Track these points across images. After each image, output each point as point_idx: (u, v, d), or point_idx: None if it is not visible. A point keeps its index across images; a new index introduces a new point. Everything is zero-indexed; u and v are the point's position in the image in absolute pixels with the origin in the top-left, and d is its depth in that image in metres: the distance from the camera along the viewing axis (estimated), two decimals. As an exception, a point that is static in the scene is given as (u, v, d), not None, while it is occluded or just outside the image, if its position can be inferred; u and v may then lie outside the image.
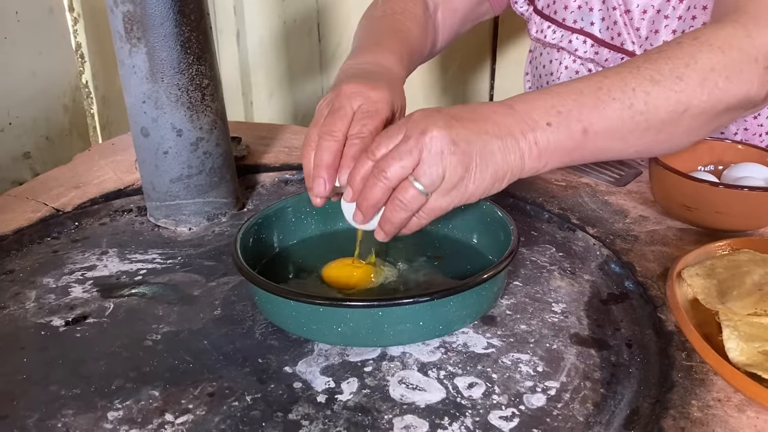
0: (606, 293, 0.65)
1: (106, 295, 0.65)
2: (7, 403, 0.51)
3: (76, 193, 0.83)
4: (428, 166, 0.54)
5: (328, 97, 0.65)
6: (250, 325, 0.60)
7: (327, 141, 0.60)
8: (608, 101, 0.59)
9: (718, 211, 0.69)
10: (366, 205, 0.57)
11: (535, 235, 0.75)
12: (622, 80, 0.60)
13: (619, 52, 0.87)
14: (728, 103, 0.62)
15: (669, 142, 0.64)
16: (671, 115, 0.60)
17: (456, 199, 0.56)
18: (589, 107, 0.59)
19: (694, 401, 0.49)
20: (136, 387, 0.52)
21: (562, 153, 0.59)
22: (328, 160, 0.60)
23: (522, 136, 0.57)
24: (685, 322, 0.54)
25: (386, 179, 0.55)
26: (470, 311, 0.57)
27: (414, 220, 0.57)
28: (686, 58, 0.61)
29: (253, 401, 0.51)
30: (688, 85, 0.60)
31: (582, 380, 0.53)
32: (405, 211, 0.56)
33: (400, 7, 0.85)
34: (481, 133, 0.56)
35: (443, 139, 0.54)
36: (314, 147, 0.61)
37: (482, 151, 0.56)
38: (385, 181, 0.55)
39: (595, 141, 0.60)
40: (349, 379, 0.53)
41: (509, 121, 0.57)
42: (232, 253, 0.59)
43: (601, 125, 0.59)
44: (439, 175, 0.54)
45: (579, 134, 0.58)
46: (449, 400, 0.51)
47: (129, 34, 0.69)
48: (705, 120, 0.62)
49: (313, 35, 1.63)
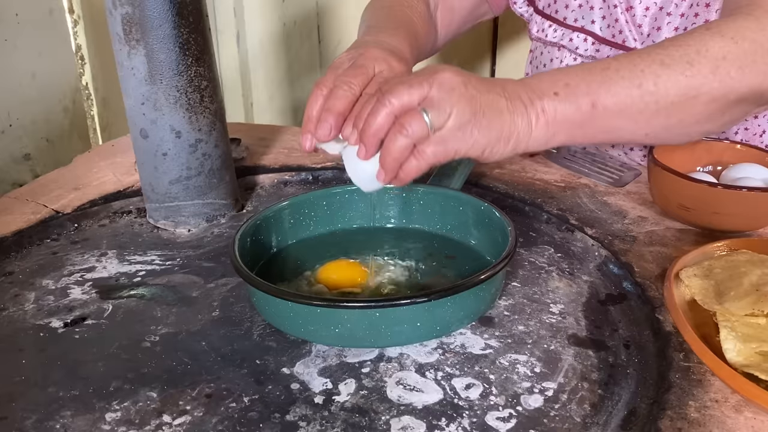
0: (604, 294, 0.65)
1: (105, 296, 0.65)
2: (6, 404, 0.51)
3: (75, 195, 0.83)
4: (438, 98, 0.53)
5: (351, 52, 0.64)
6: (248, 326, 0.60)
7: (343, 89, 0.59)
8: (617, 79, 0.59)
9: (717, 211, 0.69)
10: (368, 132, 0.54)
11: (534, 236, 0.75)
12: (631, 62, 0.60)
13: (620, 49, 0.87)
14: (741, 93, 0.61)
15: (680, 129, 0.64)
16: (681, 99, 0.60)
17: (460, 143, 0.55)
18: (597, 82, 0.59)
19: (692, 402, 0.49)
20: (134, 388, 0.53)
21: (571, 126, 0.59)
22: (340, 107, 0.58)
23: (530, 102, 0.57)
24: (683, 323, 0.54)
25: (390, 104, 0.53)
26: (468, 312, 0.57)
27: (413, 162, 0.55)
28: (697, 45, 0.61)
29: (250, 402, 0.51)
30: (699, 71, 0.60)
31: (579, 381, 0.53)
32: (406, 137, 0.54)
33: (406, 1, 0.86)
34: (490, 91, 0.56)
35: (455, 79, 0.54)
36: (326, 91, 0.60)
37: (490, 104, 0.55)
38: (389, 106, 0.53)
39: (605, 117, 0.59)
40: (346, 380, 0.53)
41: (517, 88, 0.57)
42: (229, 254, 0.60)
43: (610, 101, 0.59)
44: (447, 111, 0.53)
45: (587, 107, 0.58)
46: (446, 401, 0.51)
47: (128, 36, 0.69)
48: (717, 109, 0.62)
49: (313, 37, 1.63)
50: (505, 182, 0.85)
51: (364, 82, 0.60)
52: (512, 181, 0.85)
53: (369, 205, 0.71)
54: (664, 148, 0.77)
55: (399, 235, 0.72)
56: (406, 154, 0.55)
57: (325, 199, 0.72)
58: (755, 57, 0.61)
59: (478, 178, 0.85)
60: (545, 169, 0.89)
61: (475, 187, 0.83)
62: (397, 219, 0.73)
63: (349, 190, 0.72)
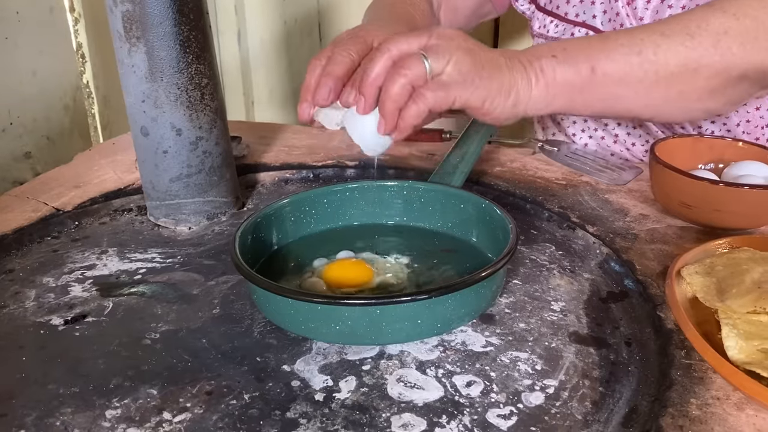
0: (605, 292, 0.64)
1: (106, 294, 0.65)
2: (6, 401, 0.51)
3: (76, 193, 0.83)
4: (437, 45, 0.53)
5: (353, 30, 0.64)
6: (249, 323, 0.60)
7: (342, 55, 0.58)
8: (616, 46, 0.60)
9: (718, 209, 0.69)
10: (366, 82, 0.54)
11: (535, 234, 0.75)
12: (630, 33, 0.61)
13: None
14: (743, 69, 0.61)
15: (680, 102, 0.64)
16: (682, 69, 0.60)
17: (460, 89, 0.55)
18: (596, 49, 0.59)
19: (693, 399, 0.49)
20: (134, 385, 0.52)
21: (570, 89, 0.59)
22: (339, 72, 0.58)
23: (528, 62, 0.58)
24: (684, 320, 0.54)
25: (389, 50, 0.53)
26: (469, 309, 0.57)
27: (412, 107, 0.54)
28: (698, 20, 0.61)
29: (251, 399, 0.51)
30: (700, 43, 0.60)
31: (581, 378, 0.53)
32: (404, 77, 0.53)
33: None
34: (489, 51, 0.57)
35: (455, 33, 0.55)
36: (324, 61, 0.59)
37: (489, 59, 0.56)
38: (387, 53, 0.53)
39: (604, 84, 0.60)
40: (347, 378, 0.53)
41: (515, 52, 0.59)
42: (230, 251, 0.59)
43: (610, 67, 0.59)
44: (446, 57, 0.54)
45: (586, 72, 0.59)
46: (447, 399, 0.51)
47: (128, 33, 0.69)
48: (719, 84, 0.62)
49: (313, 35, 1.63)
50: (506, 180, 0.84)
51: (363, 51, 0.59)
52: (513, 179, 0.85)
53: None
54: (665, 145, 0.76)
55: (400, 233, 0.72)
56: (405, 97, 0.54)
57: (326, 197, 0.72)
58: (757, 34, 0.61)
59: (479, 176, 0.85)
60: (546, 167, 0.89)
61: (476, 185, 0.83)
62: (398, 216, 0.73)
63: (350, 188, 0.72)
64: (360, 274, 0.64)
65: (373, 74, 0.54)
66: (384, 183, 0.72)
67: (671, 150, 0.76)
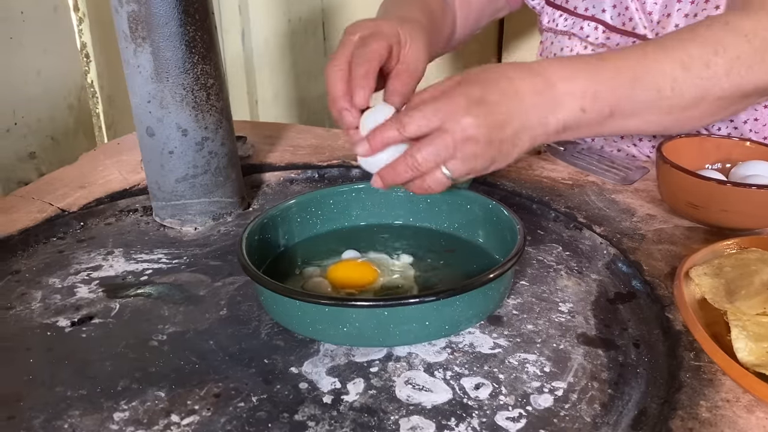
0: (613, 293, 0.64)
1: (112, 295, 0.65)
2: (14, 403, 0.51)
3: (81, 193, 0.83)
4: (461, 164, 0.57)
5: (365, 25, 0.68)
6: (256, 325, 0.59)
7: (333, 71, 0.64)
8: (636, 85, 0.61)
9: (726, 209, 0.69)
10: (390, 180, 0.59)
11: (542, 234, 0.74)
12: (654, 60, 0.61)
13: (630, 37, 0.87)
14: (747, 90, 0.63)
15: (687, 123, 0.66)
16: (693, 101, 0.62)
17: (478, 172, 0.59)
18: (624, 89, 0.61)
19: (703, 402, 0.49)
20: (141, 388, 0.52)
21: (584, 132, 0.62)
22: (342, 89, 0.63)
23: (553, 117, 0.59)
24: (693, 321, 0.54)
25: (418, 168, 0.57)
26: (477, 311, 0.57)
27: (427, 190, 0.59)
28: (716, 45, 0.62)
29: (259, 402, 0.51)
30: (715, 73, 0.61)
31: (589, 380, 0.53)
32: (425, 191, 0.59)
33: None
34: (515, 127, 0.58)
35: (479, 144, 0.56)
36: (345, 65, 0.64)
37: (513, 140, 0.58)
38: (417, 170, 0.57)
39: (617, 121, 0.62)
40: (355, 380, 0.53)
41: (546, 101, 0.59)
42: (237, 252, 0.59)
43: (628, 108, 0.61)
44: (468, 172, 0.58)
45: (605, 116, 0.61)
46: (456, 401, 0.50)
47: (134, 33, 0.69)
48: (723, 105, 0.64)
49: (318, 33, 1.63)
50: (512, 180, 0.84)
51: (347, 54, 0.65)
52: (519, 179, 0.84)
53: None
54: (672, 145, 0.76)
55: (406, 233, 0.71)
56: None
57: (332, 198, 0.72)
58: (764, 55, 0.62)
59: (484, 176, 0.84)
60: (552, 166, 0.88)
61: (482, 185, 0.83)
62: (405, 217, 0.73)
63: (356, 189, 0.72)
64: (364, 274, 0.63)
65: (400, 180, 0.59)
66: None
67: (678, 149, 0.76)
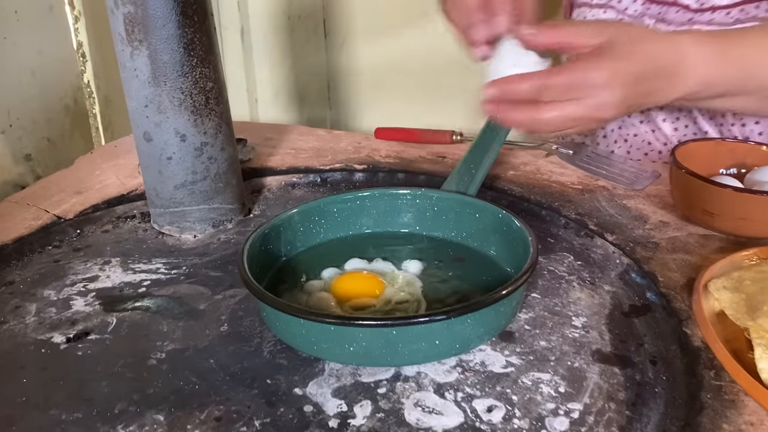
0: (628, 305, 0.62)
1: (109, 308, 0.63)
2: (6, 427, 0.49)
3: (77, 199, 0.81)
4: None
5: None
6: (258, 342, 0.57)
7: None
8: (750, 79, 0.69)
9: (743, 217, 0.67)
10: (506, 119, 0.61)
11: (552, 242, 0.72)
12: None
13: (670, 6, 0.84)
14: None
15: None
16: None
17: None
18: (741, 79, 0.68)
19: (726, 425, 0.47)
20: (139, 411, 0.50)
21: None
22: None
23: (673, 95, 0.66)
24: (714, 339, 0.52)
25: (541, 121, 0.59)
26: (488, 328, 0.55)
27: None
28: None
29: (261, 426, 0.48)
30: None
31: (606, 401, 0.51)
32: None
33: None
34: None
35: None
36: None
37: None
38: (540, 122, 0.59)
39: (715, 103, 0.71)
40: (362, 402, 0.50)
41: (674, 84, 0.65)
42: (238, 266, 0.57)
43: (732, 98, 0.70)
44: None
45: (715, 96, 0.68)
46: (468, 425, 0.48)
47: (130, 36, 0.66)
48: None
49: (318, 31, 1.60)
50: (520, 185, 0.82)
51: None
52: (527, 184, 0.82)
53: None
54: (685, 149, 0.74)
55: (412, 242, 0.69)
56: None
57: (336, 205, 0.69)
58: None
59: (492, 181, 0.83)
60: (561, 170, 0.86)
61: (489, 191, 0.81)
62: (411, 225, 0.71)
63: (360, 196, 0.70)
64: (370, 287, 0.61)
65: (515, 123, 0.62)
66: (396, 191, 0.70)
67: (691, 153, 0.74)
